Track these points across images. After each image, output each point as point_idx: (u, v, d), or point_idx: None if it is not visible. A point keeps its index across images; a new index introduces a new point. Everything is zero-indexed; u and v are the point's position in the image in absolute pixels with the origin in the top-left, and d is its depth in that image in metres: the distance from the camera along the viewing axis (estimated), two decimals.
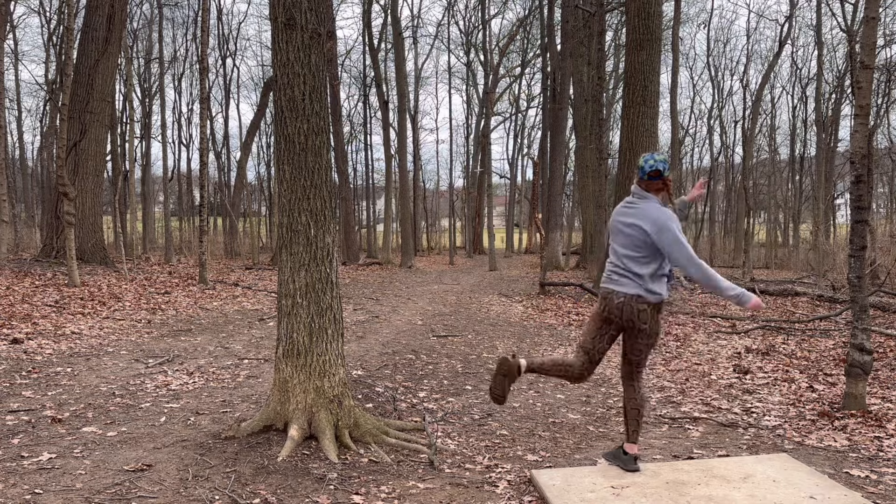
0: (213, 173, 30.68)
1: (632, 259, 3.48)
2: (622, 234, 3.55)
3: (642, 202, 3.53)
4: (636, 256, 3.47)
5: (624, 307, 3.45)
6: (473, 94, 37.60)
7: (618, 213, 3.63)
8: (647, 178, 3.52)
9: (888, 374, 6.15)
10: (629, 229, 3.51)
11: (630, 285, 3.46)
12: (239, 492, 3.34)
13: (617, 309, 3.47)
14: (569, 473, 3.57)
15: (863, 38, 4.96)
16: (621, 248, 3.53)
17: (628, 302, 3.44)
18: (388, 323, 9.59)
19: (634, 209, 3.54)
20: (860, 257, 4.85)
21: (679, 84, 33.45)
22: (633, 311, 3.44)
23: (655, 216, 3.43)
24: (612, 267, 3.57)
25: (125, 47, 18.58)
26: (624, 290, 3.46)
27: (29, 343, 6.97)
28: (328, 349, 4.15)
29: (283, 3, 3.98)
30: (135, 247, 20.26)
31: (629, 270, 3.47)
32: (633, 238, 3.48)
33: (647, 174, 3.51)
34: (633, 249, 3.48)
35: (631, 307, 3.44)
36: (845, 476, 3.67)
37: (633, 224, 3.49)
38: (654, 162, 3.49)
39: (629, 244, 3.49)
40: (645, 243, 3.45)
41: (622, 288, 3.47)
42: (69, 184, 11.59)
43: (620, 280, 3.49)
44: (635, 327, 3.48)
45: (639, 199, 3.55)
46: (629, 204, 3.59)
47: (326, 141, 4.15)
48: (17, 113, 28.20)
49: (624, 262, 3.49)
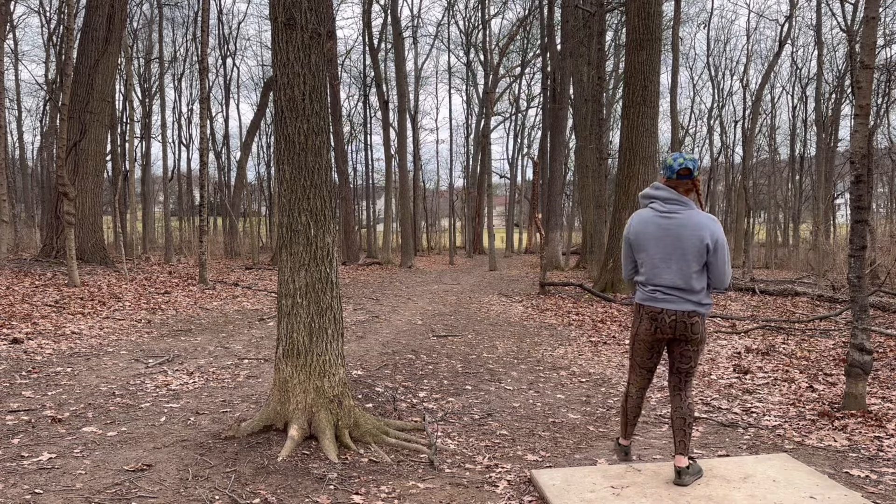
0: (213, 173, 30.70)
1: (685, 273, 3.28)
2: (670, 244, 3.29)
3: (685, 209, 3.30)
4: (692, 270, 3.27)
5: (677, 324, 3.30)
6: (473, 94, 37.63)
7: (651, 220, 3.34)
8: (677, 177, 3.30)
9: (888, 374, 6.15)
10: (681, 240, 3.26)
11: (683, 302, 3.29)
12: (239, 492, 3.34)
13: (669, 327, 3.32)
14: (569, 473, 3.57)
15: (863, 38, 4.96)
16: (675, 262, 3.28)
17: (681, 318, 3.29)
18: (388, 323, 9.59)
19: (679, 217, 3.29)
20: (860, 257, 4.85)
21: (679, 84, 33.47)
22: (686, 326, 3.30)
23: (713, 227, 3.24)
24: (659, 281, 3.32)
25: (125, 47, 18.58)
26: (676, 308, 3.29)
27: (29, 343, 6.97)
28: (328, 349, 4.15)
29: (283, 3, 3.98)
30: (135, 247, 20.26)
31: (684, 287, 3.29)
32: (687, 249, 3.26)
33: (677, 173, 3.29)
34: (684, 262, 3.27)
35: (684, 323, 3.30)
36: (845, 476, 3.67)
37: (687, 235, 3.26)
38: (683, 160, 3.28)
39: (681, 256, 3.27)
40: (700, 255, 3.24)
41: (674, 306, 3.29)
42: (69, 184, 11.59)
43: (670, 297, 3.30)
44: (687, 339, 3.34)
45: (679, 206, 3.30)
46: (668, 212, 3.31)
47: (326, 141, 4.15)
48: (17, 113, 28.21)
49: (678, 278, 3.28)
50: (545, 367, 6.75)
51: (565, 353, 7.54)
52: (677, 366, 3.42)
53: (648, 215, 3.36)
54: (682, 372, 3.41)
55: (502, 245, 38.94)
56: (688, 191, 3.35)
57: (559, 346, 7.99)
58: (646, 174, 12.80)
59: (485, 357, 7.20)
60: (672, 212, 3.29)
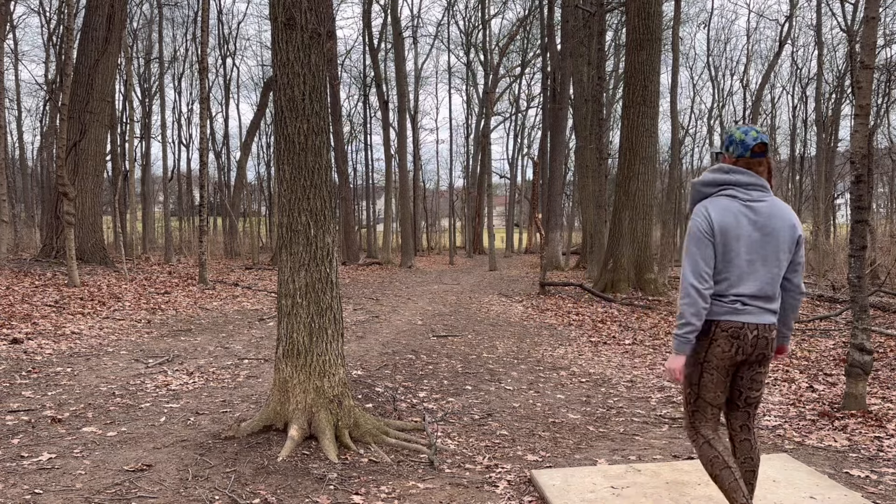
0: (213, 173, 30.70)
1: (775, 277, 2.61)
2: (761, 241, 2.59)
3: (769, 196, 2.62)
4: (776, 273, 2.61)
5: (759, 340, 2.60)
6: (473, 94, 37.64)
7: (738, 212, 2.58)
8: (751, 154, 2.61)
9: (888, 374, 6.15)
10: (773, 236, 2.59)
11: (764, 314, 2.62)
12: (239, 492, 3.33)
13: (751, 346, 2.60)
14: (569, 473, 3.57)
15: (863, 38, 4.96)
16: (765, 263, 2.59)
17: (762, 333, 2.61)
18: (388, 323, 9.59)
19: (768, 206, 2.60)
20: (860, 257, 4.85)
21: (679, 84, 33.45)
22: (767, 342, 2.63)
23: (795, 220, 2.64)
24: (742, 290, 2.58)
25: (125, 47, 18.58)
26: (758, 321, 2.60)
27: (29, 343, 6.97)
28: (328, 349, 4.15)
29: (283, 3, 3.98)
30: (135, 247, 20.27)
31: (771, 295, 2.62)
32: (780, 247, 2.60)
33: (751, 150, 2.61)
34: (775, 264, 2.60)
35: (765, 338, 2.62)
36: (845, 476, 3.67)
37: (780, 227, 2.59)
38: (756, 134, 2.60)
39: (772, 256, 2.59)
40: (789, 252, 2.63)
41: (756, 318, 2.60)
42: (69, 184, 11.59)
43: (752, 308, 2.59)
44: (766, 357, 2.67)
45: (762, 192, 2.61)
46: (753, 199, 2.59)
47: (326, 141, 4.15)
48: (17, 113, 28.21)
49: (766, 284, 2.60)
50: (545, 367, 6.75)
51: (565, 353, 7.54)
52: (746, 396, 2.71)
53: (731, 205, 2.58)
54: (751, 403, 2.72)
55: (502, 245, 38.95)
56: (766, 173, 2.66)
57: (559, 346, 7.98)
58: (646, 174, 12.80)
59: (485, 357, 7.20)
60: (757, 200, 2.59)
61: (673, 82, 14.59)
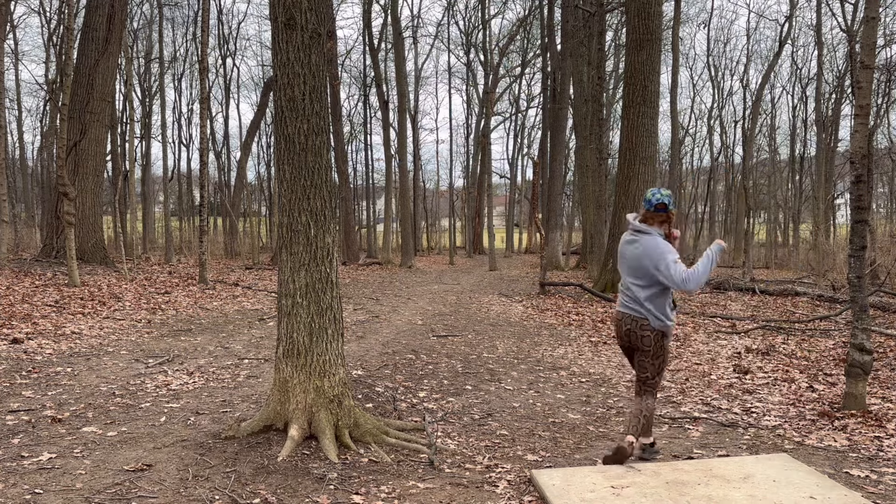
0: (213, 173, 30.69)
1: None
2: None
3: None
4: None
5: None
6: (473, 94, 37.62)
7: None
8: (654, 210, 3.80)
9: (888, 374, 6.15)
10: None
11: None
12: (239, 492, 3.34)
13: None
14: (569, 473, 3.57)
15: (863, 38, 4.96)
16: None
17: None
18: (388, 323, 9.59)
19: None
20: (860, 257, 4.85)
21: (679, 84, 33.46)
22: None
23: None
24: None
25: (125, 47, 18.58)
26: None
27: (29, 343, 6.97)
28: (328, 349, 4.15)
29: (283, 3, 3.98)
30: (135, 247, 20.26)
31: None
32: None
33: (654, 206, 3.79)
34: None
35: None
36: (845, 476, 3.67)
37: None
38: (660, 196, 3.79)
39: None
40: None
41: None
42: (69, 184, 11.59)
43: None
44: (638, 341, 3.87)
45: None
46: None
47: (326, 141, 4.15)
48: (17, 113, 28.21)
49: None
50: (545, 367, 6.75)
51: (565, 353, 7.54)
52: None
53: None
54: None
55: (502, 245, 38.93)
56: (661, 222, 3.88)
57: (559, 346, 7.98)
58: (646, 174, 12.80)
59: (485, 357, 7.20)
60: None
61: (673, 82, 14.59)
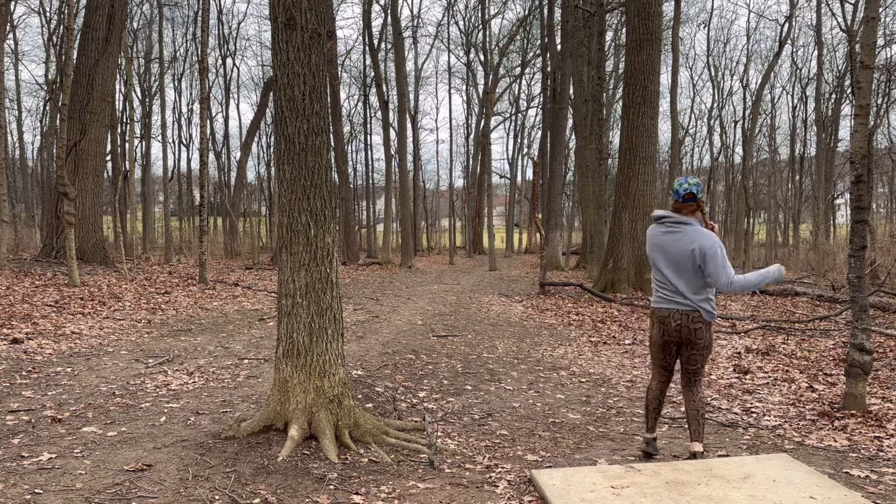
0: (213, 173, 30.69)
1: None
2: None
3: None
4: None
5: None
6: (473, 94, 37.62)
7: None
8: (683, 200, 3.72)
9: (888, 374, 6.15)
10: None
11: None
12: (239, 492, 3.33)
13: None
14: (569, 473, 3.57)
15: (863, 38, 4.96)
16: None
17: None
18: (388, 323, 9.59)
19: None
20: (860, 257, 4.85)
21: (679, 84, 33.47)
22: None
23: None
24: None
25: (125, 47, 18.57)
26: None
27: (29, 343, 6.97)
28: (328, 349, 4.15)
29: (283, 3, 3.98)
30: (135, 247, 20.26)
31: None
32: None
33: (682, 196, 3.71)
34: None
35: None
36: (845, 476, 3.67)
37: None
38: (688, 185, 3.70)
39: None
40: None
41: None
42: (69, 184, 11.59)
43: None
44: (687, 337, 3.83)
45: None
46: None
47: (326, 141, 4.15)
48: (17, 113, 28.20)
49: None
50: (545, 367, 6.75)
51: (565, 353, 7.54)
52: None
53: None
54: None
55: (502, 245, 38.92)
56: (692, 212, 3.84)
57: (559, 346, 7.98)
58: (646, 174, 12.80)
59: (485, 357, 7.20)
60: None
61: (673, 82, 14.58)
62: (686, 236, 3.67)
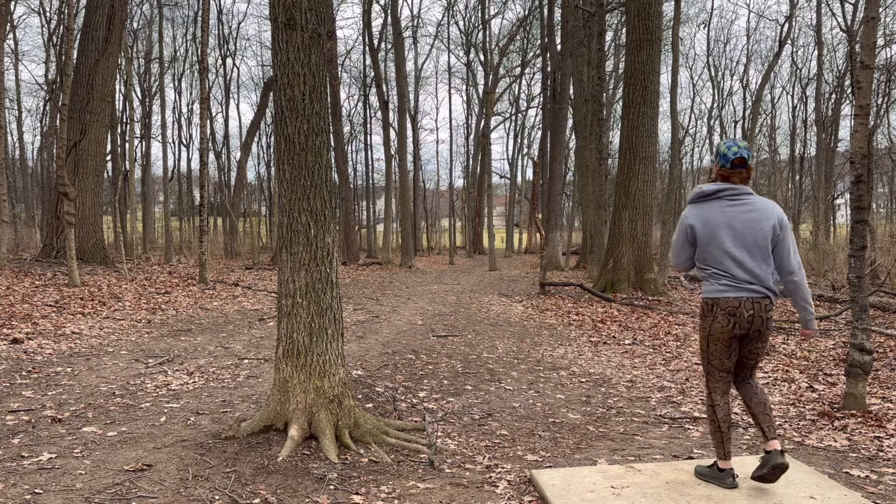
0: (213, 173, 30.70)
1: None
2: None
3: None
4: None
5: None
6: (473, 94, 37.62)
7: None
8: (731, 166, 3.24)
9: (888, 374, 6.15)
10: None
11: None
12: (239, 492, 3.34)
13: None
14: (569, 473, 3.57)
15: (863, 38, 4.96)
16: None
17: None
18: (388, 323, 9.59)
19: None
20: (860, 257, 4.85)
21: (679, 84, 33.45)
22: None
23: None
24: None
25: (125, 47, 18.57)
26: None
27: (29, 343, 6.97)
28: (328, 349, 4.15)
29: (283, 3, 3.98)
30: (135, 247, 20.26)
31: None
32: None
33: (732, 162, 3.24)
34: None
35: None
36: (845, 476, 3.67)
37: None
38: (737, 148, 3.22)
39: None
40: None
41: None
42: (69, 184, 11.59)
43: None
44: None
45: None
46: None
47: (326, 141, 4.15)
48: (17, 113, 28.21)
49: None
50: (545, 367, 6.75)
51: (565, 353, 7.54)
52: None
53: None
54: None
55: (502, 245, 38.92)
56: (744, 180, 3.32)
57: (559, 346, 7.98)
58: (646, 174, 12.80)
59: (485, 357, 7.20)
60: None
61: (673, 82, 14.58)
62: (761, 209, 3.18)
